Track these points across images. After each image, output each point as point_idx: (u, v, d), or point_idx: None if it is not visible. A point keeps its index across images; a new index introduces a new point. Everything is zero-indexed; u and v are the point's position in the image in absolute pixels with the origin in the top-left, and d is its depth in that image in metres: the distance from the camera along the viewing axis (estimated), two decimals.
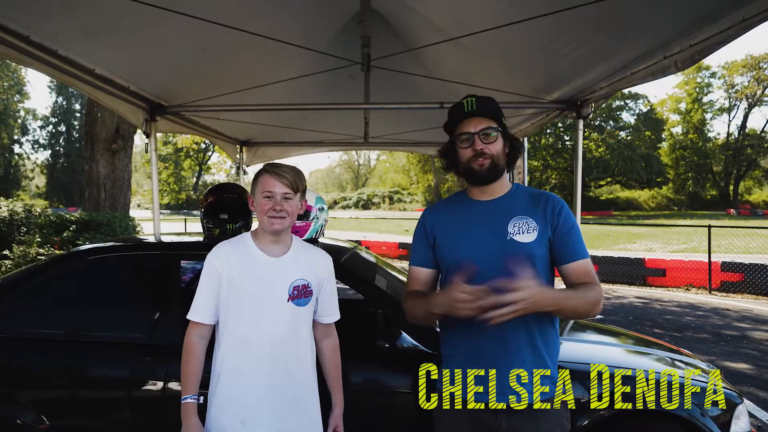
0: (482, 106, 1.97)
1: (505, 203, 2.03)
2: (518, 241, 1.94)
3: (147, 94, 4.16)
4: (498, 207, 2.03)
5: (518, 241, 1.94)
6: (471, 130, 1.96)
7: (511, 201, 2.03)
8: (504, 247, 1.94)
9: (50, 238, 8.49)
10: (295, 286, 2.05)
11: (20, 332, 2.78)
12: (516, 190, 2.08)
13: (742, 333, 7.44)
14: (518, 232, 1.95)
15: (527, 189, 2.11)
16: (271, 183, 1.98)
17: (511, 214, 1.99)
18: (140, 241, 3.58)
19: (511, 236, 1.95)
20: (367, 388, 2.63)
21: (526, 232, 1.95)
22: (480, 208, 2.05)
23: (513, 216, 1.98)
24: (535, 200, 2.03)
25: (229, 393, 1.99)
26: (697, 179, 59.23)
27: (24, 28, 2.66)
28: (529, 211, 1.99)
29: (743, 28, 2.29)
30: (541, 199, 2.03)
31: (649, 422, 2.58)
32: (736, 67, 54.57)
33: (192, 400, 2.00)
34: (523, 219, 1.97)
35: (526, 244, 1.94)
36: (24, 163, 60.25)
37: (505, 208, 2.01)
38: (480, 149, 1.95)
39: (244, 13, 3.32)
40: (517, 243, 1.94)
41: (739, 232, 16.48)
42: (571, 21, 2.82)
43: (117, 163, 9.96)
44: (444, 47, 3.76)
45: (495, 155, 1.97)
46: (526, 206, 2.01)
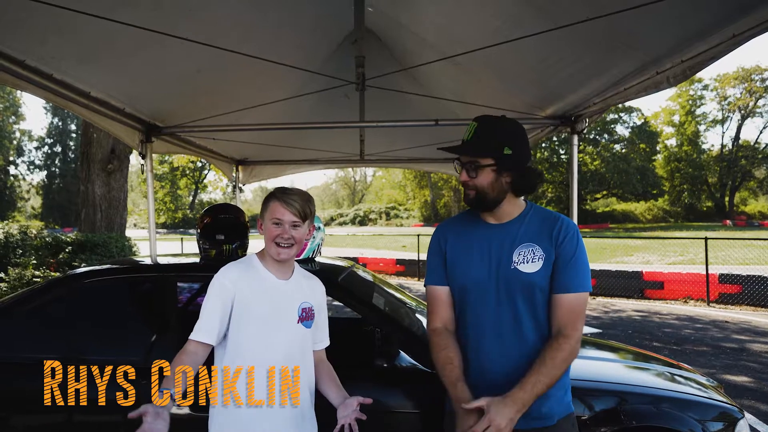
0: (482, 135, 1.90)
1: (514, 229, 1.97)
2: (522, 271, 1.90)
3: (142, 115, 4.17)
4: (505, 233, 1.97)
5: (522, 270, 1.90)
6: (462, 160, 1.95)
7: (520, 226, 1.96)
8: (507, 275, 1.91)
9: (46, 260, 8.45)
10: (303, 308, 2.06)
11: (16, 356, 2.75)
12: (528, 213, 2.00)
13: (742, 345, 7.41)
14: (523, 261, 1.90)
15: (541, 211, 2.04)
16: (280, 211, 1.98)
17: (518, 241, 1.93)
18: (137, 263, 3.56)
19: (515, 265, 1.91)
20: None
21: (531, 261, 1.90)
22: (488, 232, 2.00)
23: (520, 243, 1.93)
24: (545, 225, 1.96)
25: (241, 413, 1.97)
26: (693, 191, 59.47)
27: (19, 53, 2.68)
28: (537, 238, 1.93)
29: (733, 44, 2.32)
30: (550, 224, 1.96)
31: None
32: (728, 80, 55.04)
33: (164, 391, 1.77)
34: (529, 247, 1.92)
35: (529, 274, 1.89)
36: (20, 184, 60.12)
37: (512, 234, 1.96)
38: (463, 180, 1.93)
39: (238, 33, 3.34)
40: (520, 273, 1.90)
41: (735, 244, 16.54)
42: (564, 38, 2.84)
43: (113, 184, 9.96)
44: (438, 65, 3.78)
45: (479, 188, 1.91)
46: (534, 232, 1.95)
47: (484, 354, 1.89)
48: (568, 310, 1.87)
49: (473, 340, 1.97)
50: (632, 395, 2.63)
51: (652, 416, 2.55)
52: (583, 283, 1.88)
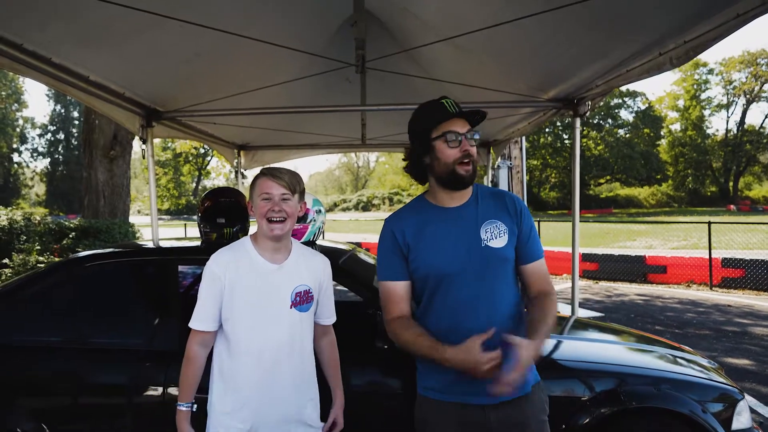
0: (462, 109, 1.96)
1: (473, 208, 2.02)
2: (492, 247, 1.95)
3: (142, 100, 4.16)
4: (468, 213, 2.01)
5: (492, 246, 1.95)
6: (459, 131, 1.92)
7: (478, 205, 2.02)
8: (480, 254, 1.94)
9: (50, 246, 8.49)
10: (297, 293, 2.05)
11: (19, 340, 2.78)
12: (478, 192, 2.07)
13: (744, 329, 7.42)
14: (491, 237, 1.96)
15: (486, 189, 2.12)
16: (268, 185, 1.98)
17: (481, 219, 1.99)
18: (138, 246, 3.58)
19: (485, 242, 1.95)
20: (365, 389, 2.63)
21: (498, 236, 1.96)
22: (451, 215, 2.01)
23: (483, 221, 1.98)
24: (499, 200, 2.05)
25: (234, 399, 1.99)
26: (697, 176, 59.29)
27: (16, 36, 2.66)
28: (496, 214, 2.00)
29: (737, 24, 2.28)
30: (502, 199, 2.06)
31: (650, 419, 2.57)
32: (734, 64, 54.63)
33: (185, 408, 2.01)
34: (493, 223, 1.98)
35: (500, 249, 1.95)
36: (23, 171, 60.28)
37: (474, 213, 2.00)
38: (467, 151, 1.91)
39: (237, 16, 3.32)
40: (492, 249, 1.95)
41: (739, 228, 16.49)
42: (565, 19, 2.81)
43: (115, 170, 9.96)
44: (439, 48, 3.75)
45: (475, 160, 1.95)
46: (492, 209, 2.02)
47: (462, 334, 1.83)
48: (542, 274, 2.04)
49: (447, 322, 1.96)
50: (632, 376, 2.64)
51: (652, 397, 2.56)
52: (542, 249, 2.07)
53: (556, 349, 2.85)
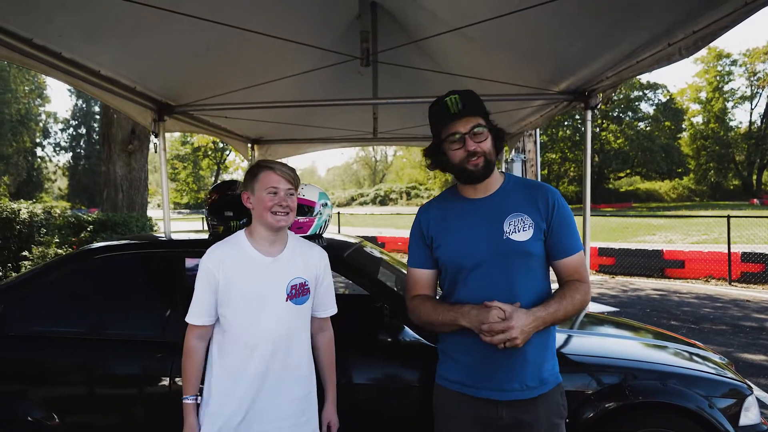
0: (467, 102, 1.93)
1: (500, 200, 2.00)
2: (514, 240, 1.93)
3: (154, 94, 4.19)
4: (492, 204, 2.00)
5: (514, 239, 1.93)
6: (461, 131, 1.92)
7: (505, 197, 2.01)
8: (500, 246, 1.93)
9: (68, 239, 8.62)
10: (292, 285, 2.06)
11: (30, 330, 2.83)
12: (509, 184, 2.05)
13: (762, 324, 7.31)
14: (514, 230, 1.94)
15: (520, 180, 2.09)
16: (274, 179, 2.00)
17: (507, 211, 1.97)
18: (150, 239, 3.62)
19: (507, 235, 1.93)
20: (369, 381, 2.64)
21: (521, 230, 1.94)
22: (474, 207, 2.02)
23: (508, 213, 1.96)
24: (530, 193, 2.01)
25: (230, 392, 2.01)
26: (719, 169, 58.29)
27: (26, 31, 2.69)
28: (524, 207, 1.97)
29: (746, 12, 2.24)
30: (535, 192, 2.01)
31: (657, 414, 2.55)
32: (758, 54, 53.48)
33: (191, 400, 2.04)
34: (518, 216, 1.95)
35: (522, 243, 1.93)
36: (46, 165, 61.13)
37: (499, 205, 1.99)
38: (473, 149, 1.91)
39: (247, 10, 3.33)
40: (513, 242, 1.93)
41: (761, 222, 16.21)
42: (573, 10, 2.79)
43: (133, 164, 10.07)
44: (449, 40, 3.73)
45: (487, 152, 1.93)
46: (520, 201, 1.99)
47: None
48: (574, 269, 1.98)
49: None
50: (639, 371, 2.63)
51: (658, 392, 2.54)
52: (578, 243, 2.00)
53: (563, 344, 2.84)
